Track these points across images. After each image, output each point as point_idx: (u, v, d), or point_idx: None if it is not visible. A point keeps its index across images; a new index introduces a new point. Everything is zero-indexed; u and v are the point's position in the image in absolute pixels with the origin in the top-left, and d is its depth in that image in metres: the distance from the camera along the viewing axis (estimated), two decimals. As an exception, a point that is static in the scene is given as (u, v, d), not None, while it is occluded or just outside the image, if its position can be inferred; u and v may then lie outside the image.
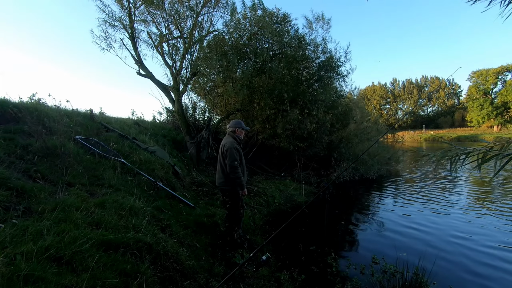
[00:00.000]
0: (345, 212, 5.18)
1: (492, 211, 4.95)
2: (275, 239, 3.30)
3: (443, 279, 2.69)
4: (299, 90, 6.83)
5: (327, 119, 7.24)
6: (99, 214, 2.28)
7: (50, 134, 3.51)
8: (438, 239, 3.74)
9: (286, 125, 6.41)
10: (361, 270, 2.91)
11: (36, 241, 1.67)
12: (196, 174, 5.68)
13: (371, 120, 11.60)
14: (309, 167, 7.87)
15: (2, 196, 2.06)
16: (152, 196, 3.58)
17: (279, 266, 2.96)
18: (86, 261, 1.68)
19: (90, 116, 5.32)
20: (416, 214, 4.87)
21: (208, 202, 4.45)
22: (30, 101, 4.46)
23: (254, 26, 6.89)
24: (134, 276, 1.79)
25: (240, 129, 3.16)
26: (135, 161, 4.18)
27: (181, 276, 2.19)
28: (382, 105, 53.63)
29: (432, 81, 51.75)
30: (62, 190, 2.49)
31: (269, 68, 6.51)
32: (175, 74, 6.55)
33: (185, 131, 6.79)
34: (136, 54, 6.45)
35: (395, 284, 2.45)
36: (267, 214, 4.73)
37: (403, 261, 2.74)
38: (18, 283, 1.34)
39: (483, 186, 7.27)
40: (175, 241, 2.57)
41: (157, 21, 6.48)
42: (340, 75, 7.81)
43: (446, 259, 3.15)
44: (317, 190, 6.66)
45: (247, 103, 6.89)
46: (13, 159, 2.72)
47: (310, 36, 7.57)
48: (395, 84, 54.05)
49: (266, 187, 5.82)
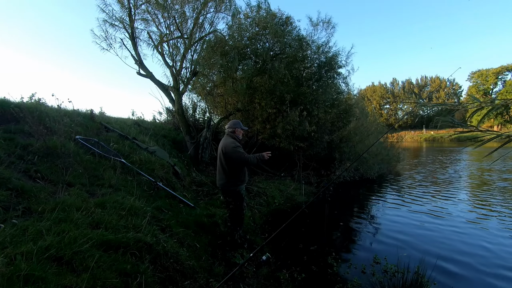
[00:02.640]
0: (345, 212, 5.18)
1: (494, 211, 4.95)
2: (275, 239, 3.30)
3: (443, 279, 2.69)
4: (299, 91, 6.82)
5: (327, 119, 7.23)
6: (99, 214, 2.28)
7: (51, 134, 3.50)
8: (439, 239, 3.74)
9: (286, 125, 6.40)
10: (362, 270, 2.91)
11: (36, 241, 1.67)
12: (196, 174, 5.67)
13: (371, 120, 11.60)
14: (309, 167, 7.86)
15: (2, 196, 2.06)
16: (152, 196, 3.58)
17: (279, 266, 2.96)
18: (86, 261, 1.68)
19: (91, 116, 5.32)
20: (416, 214, 4.87)
21: (208, 202, 4.45)
22: (30, 101, 4.46)
23: (255, 26, 6.88)
24: (134, 276, 1.79)
25: (240, 129, 3.16)
26: (135, 161, 4.18)
27: (181, 276, 2.19)
28: (382, 105, 53.62)
29: (433, 81, 51.74)
30: (62, 190, 2.49)
31: (270, 68, 6.51)
32: (175, 74, 6.55)
33: (185, 131, 6.79)
34: (136, 54, 6.45)
35: (396, 284, 2.44)
36: (267, 214, 4.73)
37: (404, 261, 2.73)
38: (18, 283, 1.33)
39: (485, 185, 7.27)
40: (175, 241, 2.56)
41: (157, 21, 6.49)
42: (341, 75, 7.81)
43: (447, 259, 3.14)
44: (317, 190, 6.66)
45: (248, 103, 6.88)
46: (13, 159, 2.71)
47: (312, 37, 7.57)
48: (395, 84, 54.05)
49: (266, 187, 5.81)
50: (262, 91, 6.68)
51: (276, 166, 7.78)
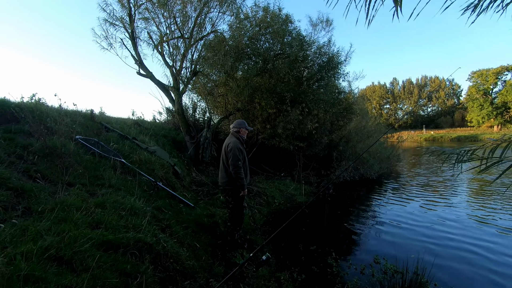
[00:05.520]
0: (345, 212, 5.17)
1: (495, 211, 4.94)
2: (275, 239, 3.30)
3: (443, 280, 2.69)
4: (300, 90, 6.83)
5: (327, 118, 7.23)
6: (99, 214, 2.28)
7: (51, 134, 3.51)
8: (439, 239, 3.74)
9: (286, 125, 6.40)
10: (361, 270, 2.91)
11: (36, 241, 1.67)
12: (196, 174, 5.68)
13: (371, 120, 11.61)
14: (309, 167, 7.86)
15: (2, 196, 2.06)
16: (152, 196, 3.58)
17: (279, 266, 2.96)
18: (86, 261, 1.68)
19: (91, 116, 5.32)
20: (416, 214, 4.86)
21: (208, 202, 4.45)
22: (31, 101, 4.46)
23: (256, 26, 6.88)
24: (134, 276, 1.79)
25: (244, 129, 3.17)
26: (135, 161, 4.18)
27: (181, 276, 2.19)
28: (382, 105, 53.63)
29: (432, 81, 51.74)
30: (62, 190, 2.49)
31: (271, 68, 6.50)
32: (175, 74, 6.56)
33: (185, 131, 6.79)
34: (136, 54, 6.45)
35: (396, 284, 2.44)
36: (267, 214, 4.73)
37: (403, 261, 2.73)
38: (18, 283, 1.33)
39: (485, 185, 7.26)
40: (175, 241, 2.57)
41: (157, 20, 6.48)
42: (342, 74, 7.81)
43: (447, 259, 3.14)
44: (317, 190, 6.66)
45: (248, 103, 6.88)
46: (13, 159, 2.72)
47: (312, 37, 7.57)
48: (395, 84, 54.07)
49: (266, 187, 5.82)
50: (262, 91, 6.68)
51: (276, 166, 7.79)
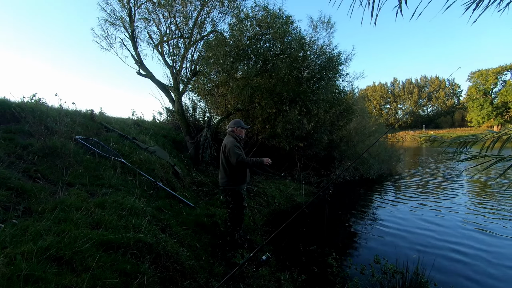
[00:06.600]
0: (345, 212, 5.17)
1: (496, 211, 4.94)
2: (275, 239, 3.30)
3: (444, 280, 2.69)
4: (299, 90, 6.83)
5: (328, 118, 7.24)
6: (99, 214, 2.28)
7: (51, 134, 3.51)
8: (439, 238, 3.74)
9: (286, 125, 6.41)
10: (361, 270, 2.91)
11: (36, 241, 1.67)
12: (196, 174, 5.67)
13: (371, 120, 11.61)
14: (309, 167, 7.86)
15: (2, 196, 2.06)
16: (152, 196, 3.58)
17: (279, 266, 2.96)
18: (86, 261, 1.68)
19: (91, 116, 5.32)
20: (416, 214, 4.87)
21: (208, 202, 4.45)
22: (31, 101, 4.46)
23: (256, 26, 6.88)
24: (134, 276, 1.79)
25: (239, 128, 3.16)
26: (135, 161, 4.18)
27: (181, 276, 2.19)
28: (382, 105, 53.66)
29: (432, 81, 51.78)
30: (62, 190, 2.49)
31: (270, 68, 6.50)
32: (175, 74, 6.56)
33: (185, 131, 6.79)
34: (136, 54, 6.45)
35: (396, 284, 2.44)
36: (267, 214, 4.73)
37: (403, 261, 2.73)
38: (18, 283, 1.33)
39: (485, 185, 7.26)
40: (175, 241, 2.56)
41: (157, 20, 6.49)
42: (342, 74, 7.82)
43: (447, 259, 3.14)
44: (317, 190, 6.65)
45: (248, 103, 6.89)
46: (13, 159, 2.72)
47: (313, 38, 7.57)
48: (395, 84, 54.10)
49: (266, 187, 5.82)
50: (262, 91, 6.69)
51: (276, 166, 7.78)
